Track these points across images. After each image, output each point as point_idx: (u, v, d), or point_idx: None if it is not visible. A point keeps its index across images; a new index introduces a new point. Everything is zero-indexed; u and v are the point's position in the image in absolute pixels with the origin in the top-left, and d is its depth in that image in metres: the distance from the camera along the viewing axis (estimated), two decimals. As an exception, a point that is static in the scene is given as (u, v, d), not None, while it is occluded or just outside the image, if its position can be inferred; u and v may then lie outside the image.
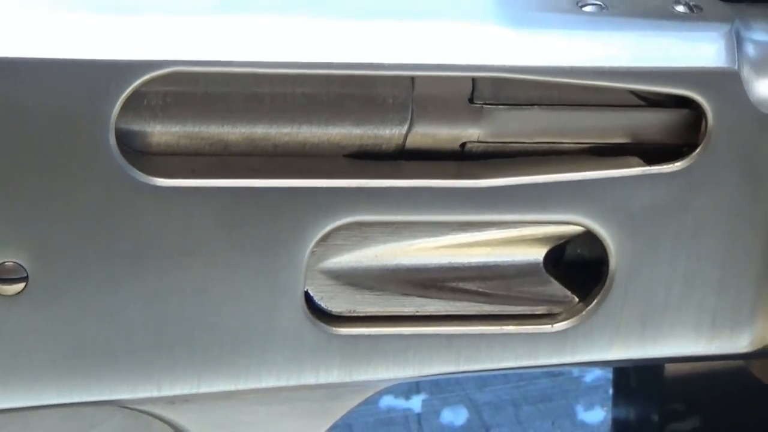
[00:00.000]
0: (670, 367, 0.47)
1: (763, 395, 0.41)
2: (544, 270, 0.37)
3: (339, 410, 0.38)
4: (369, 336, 0.37)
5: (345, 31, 0.35)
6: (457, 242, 0.37)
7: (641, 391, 0.49)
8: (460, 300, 0.37)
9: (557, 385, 0.52)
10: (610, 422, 0.51)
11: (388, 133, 0.36)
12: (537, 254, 0.37)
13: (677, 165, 0.37)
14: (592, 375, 0.52)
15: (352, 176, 0.35)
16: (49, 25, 0.34)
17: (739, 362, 0.40)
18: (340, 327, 0.36)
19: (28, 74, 0.33)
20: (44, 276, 0.34)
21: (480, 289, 0.37)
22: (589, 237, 0.37)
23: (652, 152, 0.37)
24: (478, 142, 0.36)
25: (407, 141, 0.36)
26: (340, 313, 0.37)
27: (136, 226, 0.34)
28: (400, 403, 0.52)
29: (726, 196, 0.37)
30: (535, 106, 0.36)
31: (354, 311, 0.37)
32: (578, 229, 0.37)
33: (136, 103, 0.34)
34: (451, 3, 0.37)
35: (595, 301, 0.37)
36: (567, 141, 0.37)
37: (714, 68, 0.37)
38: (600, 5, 0.37)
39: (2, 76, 0.33)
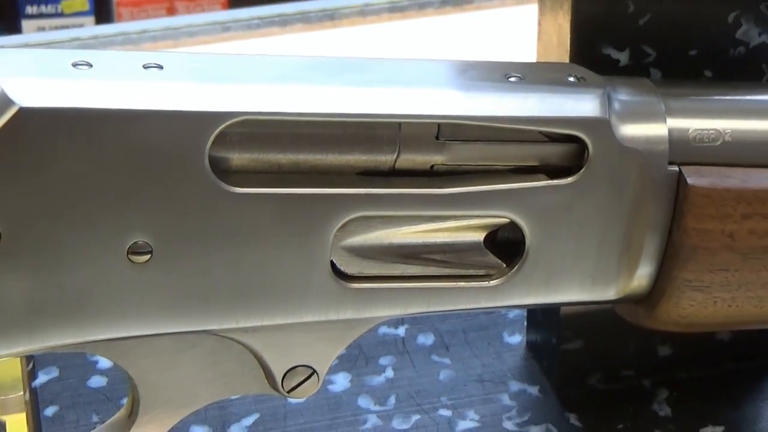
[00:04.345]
0: (564, 309, 0.46)
1: (622, 326, 0.41)
2: (484, 247, 0.37)
3: (353, 335, 0.37)
4: (371, 289, 0.36)
5: (357, 94, 0.35)
6: (428, 229, 0.36)
7: (545, 323, 0.49)
8: (430, 266, 0.37)
9: (491, 320, 0.52)
10: (525, 343, 0.50)
11: (384, 159, 0.35)
12: (479, 236, 0.37)
13: (569, 180, 0.36)
14: (514, 313, 0.52)
15: (361, 186, 0.35)
16: (165, 89, 0.33)
17: (608, 305, 0.39)
18: (353, 283, 0.36)
19: (152, 120, 0.33)
20: (162, 251, 0.34)
21: (443, 259, 0.37)
22: (513, 225, 0.37)
23: (553, 171, 0.37)
24: (442, 164, 0.36)
25: (396, 164, 0.36)
26: (353, 274, 0.36)
27: (220, 219, 0.34)
28: (391, 330, 0.51)
29: (600, 200, 0.37)
30: (479, 142, 0.36)
31: (362, 273, 0.36)
32: (506, 220, 0.36)
33: (222, 139, 0.34)
34: (423, 76, 0.36)
35: (516, 267, 0.37)
36: (499, 164, 0.36)
37: (593, 117, 0.36)
38: (520, 77, 0.37)
39: (135, 121, 0.33)
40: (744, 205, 0.37)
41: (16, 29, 1.69)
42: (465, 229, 0.37)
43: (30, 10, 1.71)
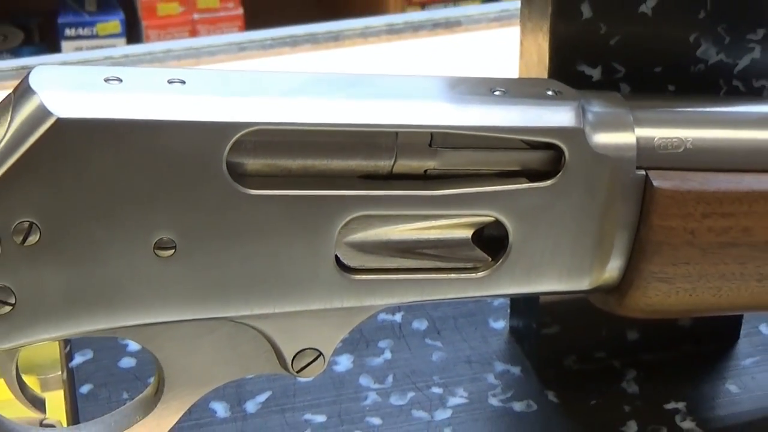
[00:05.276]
0: (543, 298, 0.46)
1: (595, 313, 0.41)
2: (471, 242, 0.37)
3: (355, 321, 0.37)
4: (371, 280, 0.36)
5: (358, 106, 0.35)
6: (422, 226, 0.36)
7: (526, 310, 0.49)
8: (423, 260, 0.37)
9: (478, 307, 0.51)
10: (508, 328, 0.50)
11: (383, 164, 0.35)
12: (467, 233, 0.37)
13: (547, 183, 0.36)
14: (498, 301, 0.51)
15: (362, 189, 0.35)
16: (187, 102, 0.33)
17: (583, 294, 0.39)
18: (355, 275, 0.36)
19: (175, 130, 0.33)
20: (185, 246, 0.34)
21: (435, 253, 0.37)
22: (498, 223, 0.36)
23: (533, 175, 0.36)
24: (434, 169, 0.36)
25: (393, 168, 0.35)
26: (355, 267, 0.36)
27: (237, 218, 0.34)
28: (389, 317, 0.51)
29: (575, 201, 0.36)
30: (468, 149, 0.36)
31: (363, 266, 0.36)
32: (491, 219, 0.36)
33: (238, 147, 0.34)
34: (417, 91, 0.36)
35: (500, 260, 0.37)
36: (485, 168, 0.36)
37: (569, 127, 0.36)
38: (504, 91, 0.37)
39: (160, 130, 0.33)
40: (704, 206, 0.37)
41: (56, 49, 1.70)
42: (455, 226, 0.37)
43: (69, 32, 1.71)
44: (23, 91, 0.33)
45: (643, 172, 0.37)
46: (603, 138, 0.37)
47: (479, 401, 0.46)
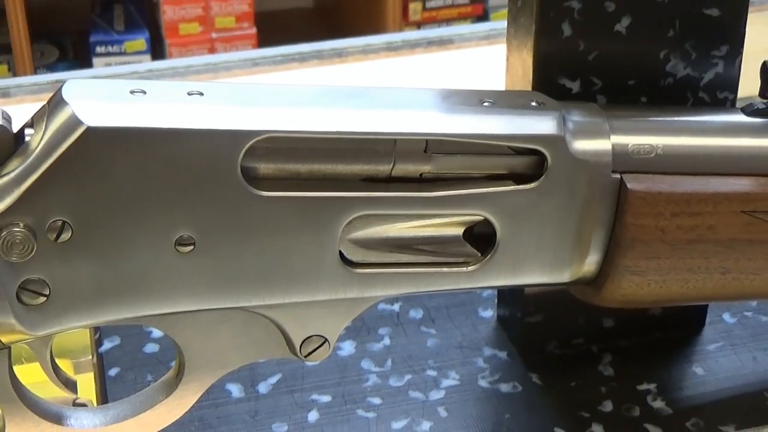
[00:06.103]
0: (528, 289, 0.46)
1: (575, 303, 0.41)
2: (463, 239, 0.37)
3: (358, 311, 0.37)
4: (372, 273, 0.36)
5: (360, 116, 0.34)
6: (418, 225, 0.36)
7: (512, 301, 0.49)
8: (419, 255, 0.36)
9: (468, 298, 0.51)
10: (496, 317, 0.50)
11: (382, 168, 0.35)
12: (459, 231, 0.37)
13: (532, 185, 0.36)
14: (487, 292, 0.51)
15: (364, 191, 0.35)
16: (205, 112, 0.33)
17: (563, 286, 0.39)
18: (357, 269, 0.36)
19: (194, 137, 0.33)
20: (203, 242, 0.34)
21: (430, 249, 0.36)
22: (486, 222, 0.36)
23: (519, 178, 0.36)
24: (429, 173, 0.36)
25: (392, 172, 0.35)
26: (357, 261, 0.36)
27: (250, 217, 0.34)
28: (388, 306, 0.51)
29: (557, 201, 0.36)
30: (459, 154, 0.36)
31: (365, 260, 0.36)
32: (481, 218, 0.36)
33: (251, 152, 0.33)
34: (414, 102, 0.36)
35: (489, 256, 0.37)
36: (475, 172, 0.36)
37: (551, 134, 0.36)
38: (492, 102, 0.36)
39: (181, 138, 0.32)
40: (673, 206, 0.37)
41: (88, 64, 1.70)
42: (448, 225, 0.36)
43: (99, 49, 1.71)
44: (57, 102, 0.33)
45: (618, 176, 0.37)
46: (582, 144, 0.36)
47: (469, 383, 0.46)
